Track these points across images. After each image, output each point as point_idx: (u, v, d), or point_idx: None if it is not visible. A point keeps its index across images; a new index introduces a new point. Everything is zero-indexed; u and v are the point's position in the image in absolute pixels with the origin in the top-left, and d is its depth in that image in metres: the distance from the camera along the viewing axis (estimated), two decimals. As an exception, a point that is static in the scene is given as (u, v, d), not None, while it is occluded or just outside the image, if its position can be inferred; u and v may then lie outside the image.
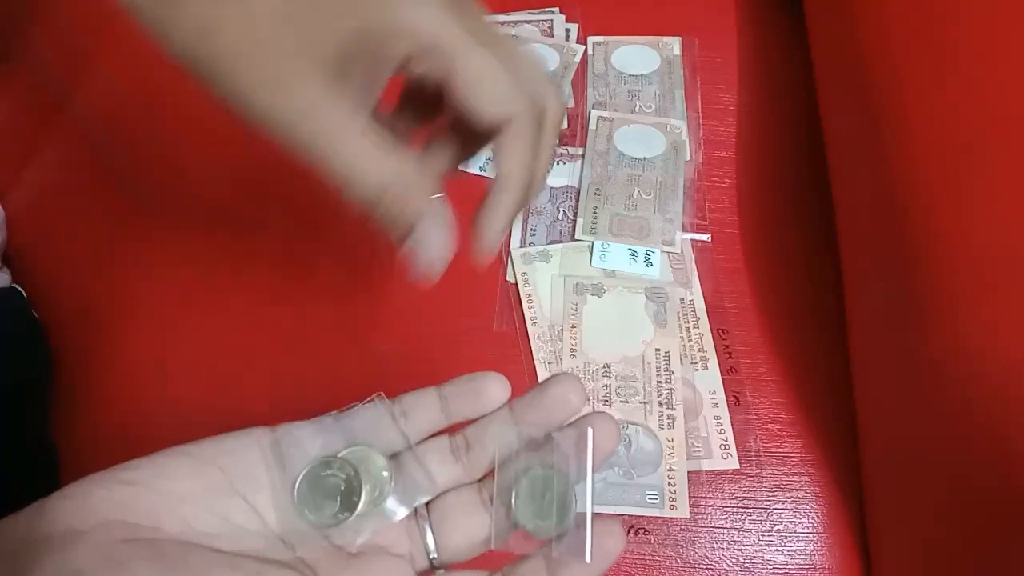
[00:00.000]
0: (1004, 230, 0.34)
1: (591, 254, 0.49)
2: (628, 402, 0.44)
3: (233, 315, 0.48)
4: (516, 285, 0.48)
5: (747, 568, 0.41)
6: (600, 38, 0.59)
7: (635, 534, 0.41)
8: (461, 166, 0.30)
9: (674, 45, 0.58)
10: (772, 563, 0.41)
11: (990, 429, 0.30)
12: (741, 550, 0.41)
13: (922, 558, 0.35)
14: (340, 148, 0.24)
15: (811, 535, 0.41)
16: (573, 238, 0.49)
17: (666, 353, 0.45)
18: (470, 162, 0.31)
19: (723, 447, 0.43)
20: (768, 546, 0.41)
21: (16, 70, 0.59)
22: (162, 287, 0.49)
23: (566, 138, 0.54)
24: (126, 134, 0.56)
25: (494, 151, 0.27)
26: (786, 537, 0.41)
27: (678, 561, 0.41)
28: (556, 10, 0.60)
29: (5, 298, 0.49)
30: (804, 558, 0.41)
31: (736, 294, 0.48)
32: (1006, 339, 0.31)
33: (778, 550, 0.41)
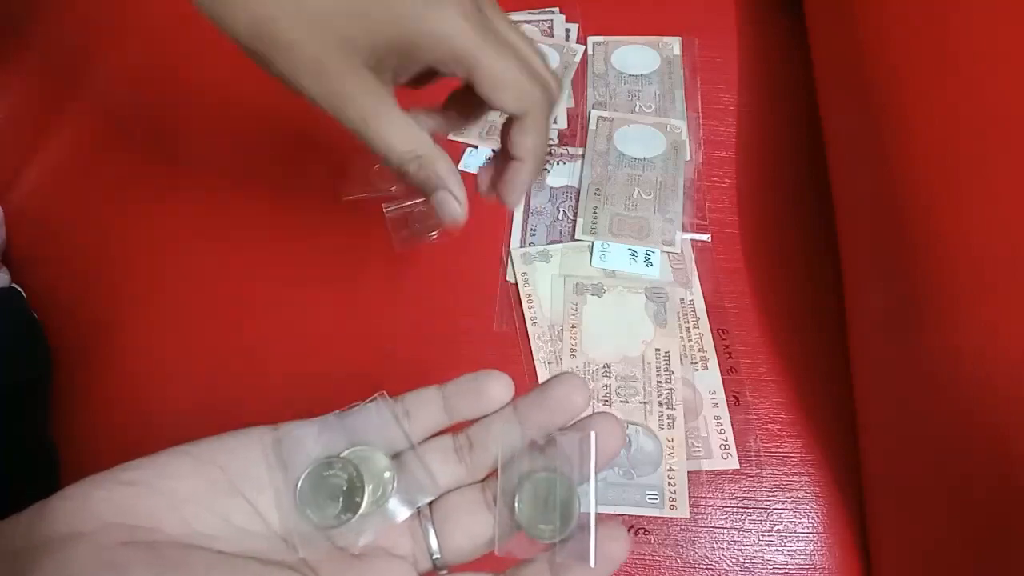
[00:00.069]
0: (1004, 230, 0.34)
1: (591, 254, 0.49)
2: (628, 402, 0.44)
3: (233, 315, 0.48)
4: (516, 285, 0.48)
5: (747, 568, 0.41)
6: (600, 38, 0.59)
7: (635, 534, 0.41)
8: (454, 134, 0.35)
9: (674, 45, 0.58)
10: (772, 563, 0.41)
11: (990, 429, 0.31)
12: (741, 550, 0.41)
13: (922, 558, 0.35)
14: (377, 126, 0.30)
15: (811, 535, 0.41)
16: (573, 238, 0.49)
17: (666, 353, 0.45)
18: (471, 161, 0.32)
19: (723, 447, 0.43)
20: (768, 546, 0.41)
21: (15, 70, 0.59)
22: (162, 287, 0.49)
23: (566, 138, 0.54)
24: (125, 134, 0.56)
25: (513, 132, 0.33)
26: (786, 537, 0.41)
27: (678, 561, 0.41)
28: (556, 10, 0.60)
29: (5, 298, 0.49)
30: (804, 558, 0.41)
31: (736, 294, 0.48)
32: (1006, 339, 0.31)
33: (778, 550, 0.41)
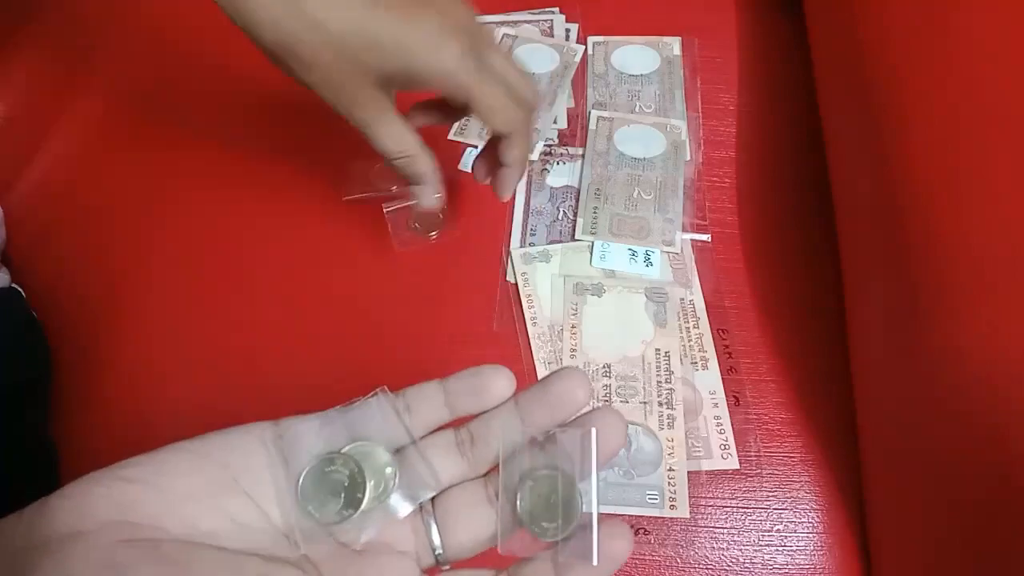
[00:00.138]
0: (1004, 230, 0.34)
1: (591, 254, 0.49)
2: (628, 402, 0.44)
3: (233, 315, 0.48)
4: (516, 285, 0.48)
5: (747, 568, 0.41)
6: (600, 38, 0.59)
7: (635, 534, 0.41)
8: (454, 135, 0.46)
9: (674, 45, 0.58)
10: (772, 563, 0.41)
11: (990, 429, 0.31)
12: (741, 550, 0.41)
13: (922, 558, 0.35)
14: (377, 129, 0.38)
15: (811, 535, 0.41)
16: (573, 238, 0.49)
17: (666, 353, 0.45)
18: (470, 160, 0.43)
19: (723, 447, 0.43)
20: (768, 546, 0.41)
21: (15, 71, 0.59)
22: (162, 287, 0.49)
23: (566, 138, 0.54)
24: (125, 135, 0.56)
25: (502, 146, 0.40)
26: (786, 537, 0.41)
27: (678, 561, 0.41)
28: (556, 10, 0.61)
29: (5, 298, 0.49)
30: (804, 558, 0.41)
31: (736, 294, 0.48)
32: (1006, 339, 0.31)
33: (778, 550, 0.41)
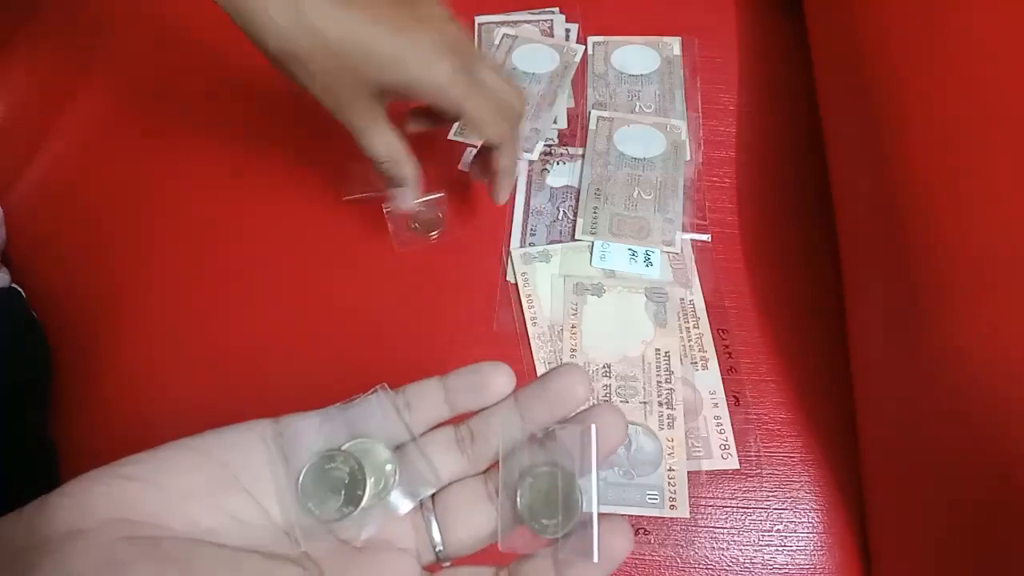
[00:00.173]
0: (1004, 230, 0.34)
1: (591, 254, 0.49)
2: (628, 402, 0.44)
3: (233, 315, 0.48)
4: (516, 285, 0.48)
5: (747, 568, 0.41)
6: (600, 38, 0.59)
7: (635, 534, 0.41)
8: (455, 135, 0.46)
9: (674, 45, 0.58)
10: (772, 563, 0.41)
11: (990, 429, 0.31)
12: (741, 550, 0.41)
13: (922, 558, 0.35)
14: (371, 135, 0.40)
15: (811, 535, 0.41)
16: (573, 238, 0.49)
17: (666, 353, 0.45)
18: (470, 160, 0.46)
19: (723, 447, 0.43)
20: (768, 546, 0.41)
21: (15, 71, 0.59)
22: (162, 287, 0.49)
23: (566, 138, 0.54)
24: (125, 135, 0.56)
25: (492, 156, 0.44)
26: (786, 537, 0.41)
27: (678, 561, 0.41)
28: (556, 10, 0.61)
29: (5, 298, 0.49)
30: (804, 558, 0.41)
31: (736, 294, 0.48)
32: (1006, 339, 0.31)
33: (778, 550, 0.41)
